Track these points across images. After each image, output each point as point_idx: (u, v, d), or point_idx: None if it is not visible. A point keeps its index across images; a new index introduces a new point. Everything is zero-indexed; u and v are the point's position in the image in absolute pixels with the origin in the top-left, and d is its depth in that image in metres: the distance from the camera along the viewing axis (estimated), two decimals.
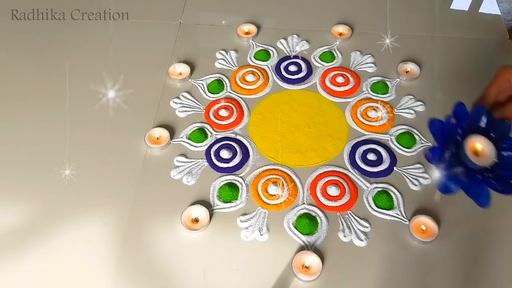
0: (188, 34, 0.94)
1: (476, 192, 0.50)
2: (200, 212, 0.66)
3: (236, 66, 0.88)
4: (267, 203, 0.68)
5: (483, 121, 0.52)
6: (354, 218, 0.66)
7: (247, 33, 0.93)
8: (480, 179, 0.50)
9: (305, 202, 0.68)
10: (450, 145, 0.52)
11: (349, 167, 0.72)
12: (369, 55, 0.88)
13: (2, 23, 0.97)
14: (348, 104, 0.81)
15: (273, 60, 0.89)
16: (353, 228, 0.65)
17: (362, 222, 0.65)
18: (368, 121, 0.78)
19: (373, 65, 0.86)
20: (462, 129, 0.52)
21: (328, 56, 0.88)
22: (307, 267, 0.60)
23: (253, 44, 0.91)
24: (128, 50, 0.91)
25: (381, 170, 0.71)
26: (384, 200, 0.67)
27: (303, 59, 0.88)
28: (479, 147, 0.50)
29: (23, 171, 0.73)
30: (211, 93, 0.83)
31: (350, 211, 0.67)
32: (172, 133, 0.76)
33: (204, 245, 0.64)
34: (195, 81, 0.85)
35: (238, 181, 0.70)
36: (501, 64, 0.57)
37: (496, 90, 0.58)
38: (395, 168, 0.71)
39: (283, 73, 0.86)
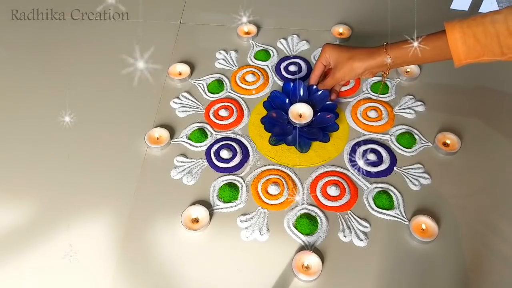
0: (188, 34, 0.95)
1: (299, 142, 0.73)
2: (200, 212, 0.66)
3: (236, 66, 0.88)
4: (267, 203, 0.68)
5: (302, 93, 0.76)
6: (354, 218, 0.66)
7: (247, 33, 0.93)
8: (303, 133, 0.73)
9: (305, 202, 0.68)
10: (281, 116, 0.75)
11: (349, 167, 0.72)
12: None
13: (2, 23, 0.97)
14: (348, 104, 0.81)
15: (273, 60, 0.89)
16: (353, 228, 0.65)
17: (362, 222, 0.65)
18: (368, 121, 0.78)
19: None
20: (289, 101, 0.76)
21: None
22: (307, 267, 0.60)
23: (253, 44, 0.91)
24: (128, 50, 0.91)
25: (381, 170, 0.71)
26: (384, 200, 0.67)
27: (303, 59, 0.88)
28: (300, 112, 0.74)
29: (23, 170, 0.73)
30: (211, 93, 0.83)
31: (350, 211, 0.67)
32: (172, 133, 0.76)
33: (204, 245, 0.64)
34: (195, 81, 0.85)
35: (238, 181, 0.70)
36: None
37: (320, 64, 0.75)
38: (395, 168, 0.71)
39: (283, 73, 0.86)
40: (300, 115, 0.74)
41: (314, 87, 0.76)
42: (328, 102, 0.75)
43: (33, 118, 0.80)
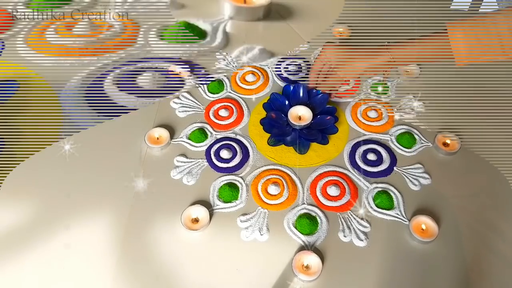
0: None
1: (299, 143, 0.73)
2: (200, 212, 0.66)
3: (236, 66, 0.88)
4: (267, 203, 0.68)
5: (302, 95, 0.76)
6: (354, 218, 0.66)
7: None
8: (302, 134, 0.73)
9: (305, 202, 0.68)
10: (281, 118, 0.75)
11: (349, 167, 0.72)
12: None
13: None
14: (348, 104, 0.81)
15: (273, 60, 0.89)
16: (353, 228, 0.65)
17: (362, 222, 0.65)
18: (368, 121, 0.78)
19: None
20: (289, 103, 0.76)
21: None
22: (307, 267, 0.60)
23: None
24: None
25: (381, 170, 0.71)
26: (384, 200, 0.67)
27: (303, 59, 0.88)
28: (300, 114, 0.74)
29: (23, 169, 0.73)
30: (211, 93, 0.83)
31: (350, 211, 0.67)
32: (172, 133, 0.76)
33: (204, 245, 0.64)
34: (195, 81, 0.85)
35: (238, 181, 0.70)
36: None
37: (319, 63, 0.75)
38: (395, 168, 0.71)
39: (283, 73, 0.86)
40: (300, 118, 0.74)
41: (314, 90, 0.76)
42: (328, 106, 0.76)
43: (33, 116, 0.80)
